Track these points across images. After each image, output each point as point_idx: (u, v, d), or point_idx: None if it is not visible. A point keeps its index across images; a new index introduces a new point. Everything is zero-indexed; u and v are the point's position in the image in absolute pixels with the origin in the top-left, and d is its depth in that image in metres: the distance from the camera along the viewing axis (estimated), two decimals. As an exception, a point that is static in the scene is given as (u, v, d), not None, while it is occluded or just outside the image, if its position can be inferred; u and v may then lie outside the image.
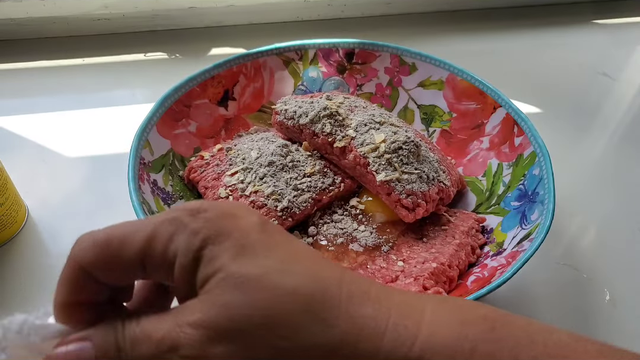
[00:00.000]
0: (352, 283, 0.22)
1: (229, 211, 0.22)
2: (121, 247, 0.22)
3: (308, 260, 0.22)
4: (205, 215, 0.22)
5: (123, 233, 0.22)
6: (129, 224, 0.22)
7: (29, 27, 0.72)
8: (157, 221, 0.22)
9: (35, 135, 0.60)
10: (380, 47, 0.58)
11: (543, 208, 0.43)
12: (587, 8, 0.86)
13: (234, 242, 0.21)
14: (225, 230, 0.21)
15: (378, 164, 0.45)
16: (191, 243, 0.21)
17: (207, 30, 0.77)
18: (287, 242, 0.22)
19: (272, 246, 0.22)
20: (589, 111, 0.68)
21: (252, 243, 0.21)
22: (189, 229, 0.21)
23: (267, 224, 0.23)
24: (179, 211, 0.22)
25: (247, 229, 0.22)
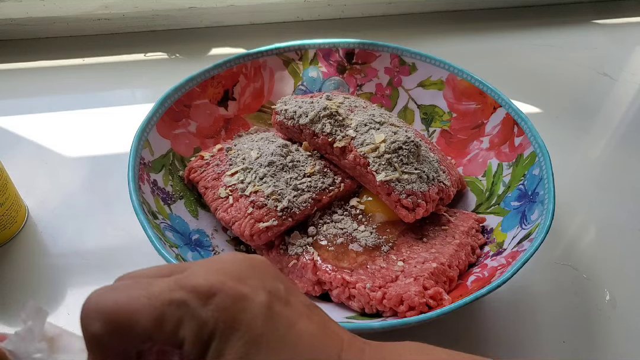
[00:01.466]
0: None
1: (239, 293, 0.22)
2: (129, 326, 0.21)
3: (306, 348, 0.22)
4: (215, 302, 0.22)
5: (130, 310, 0.21)
6: (136, 295, 0.22)
7: (29, 27, 0.72)
8: (164, 300, 0.21)
9: (35, 135, 0.60)
10: (380, 47, 0.58)
11: (543, 208, 0.43)
12: (587, 8, 0.86)
13: (241, 339, 0.21)
14: (234, 323, 0.22)
15: (378, 164, 0.45)
16: (199, 334, 0.21)
17: (207, 30, 0.77)
18: (290, 327, 0.23)
19: (276, 342, 0.22)
20: (589, 111, 0.68)
21: (258, 341, 0.22)
22: (197, 319, 0.21)
23: (275, 302, 0.23)
24: (187, 292, 0.22)
25: (254, 322, 0.22)
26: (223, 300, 0.22)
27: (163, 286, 0.22)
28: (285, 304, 0.23)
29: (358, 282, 0.41)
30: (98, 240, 0.50)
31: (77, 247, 0.49)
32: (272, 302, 0.23)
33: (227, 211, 0.45)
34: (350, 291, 0.41)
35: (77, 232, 0.50)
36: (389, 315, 0.40)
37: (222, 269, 0.23)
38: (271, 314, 0.22)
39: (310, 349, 0.23)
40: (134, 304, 0.21)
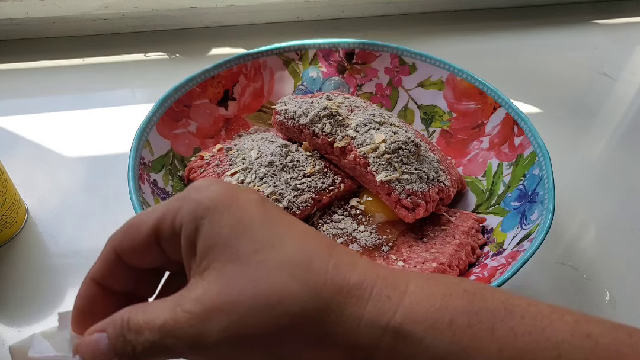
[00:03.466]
0: (339, 255, 0.23)
1: (231, 187, 0.24)
2: (139, 226, 0.24)
3: (300, 233, 0.23)
4: (209, 189, 0.23)
5: (141, 215, 0.24)
6: (151, 208, 0.24)
7: (29, 27, 0.72)
8: (169, 200, 0.24)
9: (35, 135, 0.60)
10: (380, 47, 0.58)
11: (543, 208, 0.43)
12: (587, 8, 0.86)
13: (233, 214, 0.23)
14: (226, 202, 0.23)
15: (378, 164, 0.45)
16: (194, 211, 0.23)
17: (207, 30, 0.77)
18: (282, 218, 0.24)
19: (267, 220, 0.23)
20: (589, 111, 0.68)
21: (249, 217, 0.23)
22: (193, 200, 0.23)
23: (266, 201, 0.24)
24: (188, 188, 0.24)
25: (246, 203, 0.23)
26: (217, 189, 0.24)
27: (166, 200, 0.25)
28: (279, 209, 0.25)
29: (358, 282, 0.41)
30: (98, 240, 0.49)
31: (77, 247, 0.49)
32: (265, 200, 0.24)
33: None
34: (350, 291, 0.41)
35: (77, 232, 0.50)
36: (389, 315, 0.40)
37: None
38: (264, 204, 0.24)
39: (302, 234, 0.23)
40: (147, 211, 0.24)
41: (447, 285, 0.22)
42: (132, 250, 0.24)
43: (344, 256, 0.23)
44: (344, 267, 0.22)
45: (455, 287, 0.22)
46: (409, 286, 0.22)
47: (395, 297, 0.22)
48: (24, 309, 0.44)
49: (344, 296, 0.22)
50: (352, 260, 0.23)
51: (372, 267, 0.23)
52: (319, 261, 0.22)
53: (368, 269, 0.23)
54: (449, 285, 0.22)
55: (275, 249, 0.22)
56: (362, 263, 0.23)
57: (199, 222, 0.22)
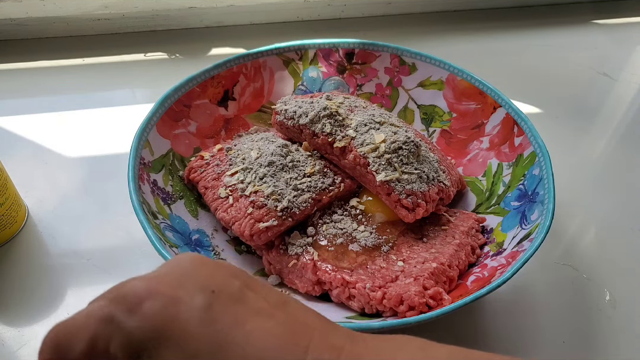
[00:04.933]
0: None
1: (170, 297, 0.20)
2: (68, 347, 0.20)
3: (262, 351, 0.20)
4: (141, 311, 0.20)
5: (69, 331, 0.21)
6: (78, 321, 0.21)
7: (29, 27, 0.72)
8: (96, 317, 0.20)
9: (36, 135, 0.60)
10: (380, 47, 0.58)
11: (543, 208, 0.43)
12: (587, 8, 0.86)
13: (175, 345, 0.20)
14: (163, 333, 0.20)
15: (378, 164, 0.45)
16: (128, 346, 0.20)
17: (207, 30, 0.77)
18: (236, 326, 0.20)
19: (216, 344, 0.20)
20: (589, 111, 0.68)
21: (195, 344, 0.20)
22: (125, 330, 0.20)
23: (215, 302, 0.21)
24: (115, 305, 0.20)
25: (188, 326, 0.20)
26: (150, 307, 0.20)
27: (99, 302, 0.21)
28: (234, 302, 0.21)
29: (358, 282, 0.41)
30: (98, 240, 0.50)
31: (77, 247, 0.49)
32: (212, 303, 0.20)
33: (227, 211, 0.45)
34: (350, 291, 0.41)
35: (77, 232, 0.50)
36: (389, 315, 0.40)
37: (163, 274, 0.22)
38: (210, 316, 0.20)
39: (262, 349, 0.20)
40: (74, 325, 0.21)
41: None
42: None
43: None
44: None
45: None
46: None
47: None
48: (24, 308, 0.44)
49: None
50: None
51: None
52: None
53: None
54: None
55: None
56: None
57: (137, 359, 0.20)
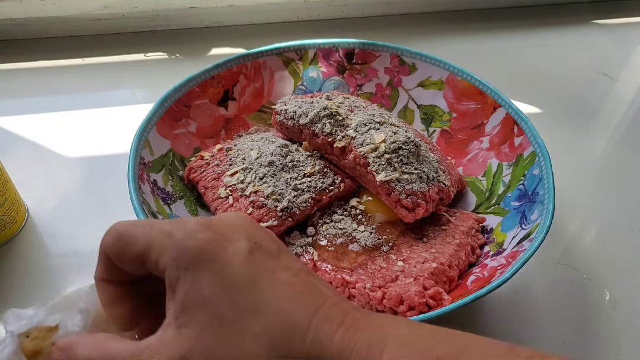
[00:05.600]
0: (320, 326, 0.22)
1: (221, 233, 0.23)
2: (127, 246, 0.24)
3: (284, 297, 0.23)
4: (196, 236, 0.23)
5: (132, 233, 0.24)
6: (143, 226, 0.24)
7: (29, 27, 0.72)
8: (158, 230, 0.24)
9: (36, 135, 0.60)
10: (380, 47, 0.58)
11: (543, 208, 0.43)
12: (587, 8, 0.86)
13: (216, 272, 0.22)
14: (212, 255, 0.23)
15: (378, 164, 0.45)
16: (177, 260, 0.22)
17: (207, 30, 0.77)
18: (270, 273, 0.23)
19: (251, 282, 0.22)
20: (589, 111, 0.68)
21: (232, 276, 0.22)
22: (178, 247, 0.23)
23: (257, 250, 0.24)
24: (177, 226, 0.24)
25: (232, 259, 0.23)
26: (205, 236, 0.23)
27: (162, 222, 0.24)
28: (270, 256, 0.24)
29: (358, 282, 0.41)
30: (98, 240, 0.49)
31: (77, 247, 0.49)
32: (254, 250, 0.23)
33: (227, 211, 0.45)
34: (350, 291, 0.41)
35: (77, 232, 0.50)
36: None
37: (218, 219, 0.25)
38: (251, 259, 0.23)
39: (286, 296, 0.23)
40: (137, 228, 0.24)
41: (420, 354, 0.22)
42: (119, 260, 0.25)
43: (324, 325, 0.22)
44: (322, 339, 0.22)
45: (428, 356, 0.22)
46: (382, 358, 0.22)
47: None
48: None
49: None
50: (331, 329, 0.22)
51: (351, 334, 0.22)
52: (298, 334, 0.22)
53: (345, 339, 0.22)
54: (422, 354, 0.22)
55: (255, 317, 0.22)
56: (341, 331, 0.22)
57: (181, 273, 0.22)
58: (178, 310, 0.22)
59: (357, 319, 0.23)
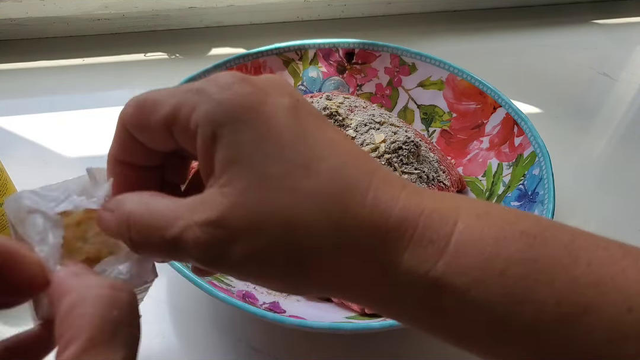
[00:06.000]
0: (380, 187, 0.20)
1: (260, 87, 0.21)
2: (152, 109, 0.21)
3: (338, 155, 0.20)
4: (234, 89, 0.20)
5: (157, 97, 0.21)
6: (168, 90, 0.21)
7: (29, 27, 0.72)
8: (185, 90, 0.21)
9: (35, 135, 0.60)
10: (380, 47, 0.58)
11: (543, 208, 0.43)
12: (587, 8, 0.86)
13: (259, 125, 0.19)
14: (253, 108, 0.20)
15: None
16: (212, 114, 0.20)
17: (207, 30, 0.77)
18: (319, 130, 0.20)
19: (299, 136, 0.20)
20: (589, 111, 0.68)
21: (278, 129, 0.20)
22: (213, 99, 0.20)
23: (300, 107, 0.21)
24: (208, 82, 0.21)
25: (275, 111, 0.20)
26: (243, 87, 0.20)
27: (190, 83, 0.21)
28: (315, 116, 0.21)
29: (358, 282, 0.41)
30: (98, 240, 0.50)
31: (77, 247, 0.49)
32: (297, 107, 0.21)
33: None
34: (350, 291, 0.41)
35: (77, 232, 0.50)
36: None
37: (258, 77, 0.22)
38: (296, 114, 0.20)
39: (341, 154, 0.20)
40: (162, 92, 0.21)
41: (501, 226, 0.19)
42: (142, 131, 0.22)
43: (385, 187, 0.20)
44: (384, 201, 0.19)
45: (510, 229, 0.19)
46: (457, 226, 0.19)
47: (440, 241, 0.19)
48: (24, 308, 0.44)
49: (381, 239, 0.19)
50: (393, 192, 0.20)
51: (417, 200, 0.20)
52: (357, 194, 0.19)
53: (411, 203, 0.20)
54: (504, 226, 0.19)
55: (308, 174, 0.19)
56: (405, 195, 0.20)
57: (217, 129, 0.19)
58: (219, 169, 0.20)
59: (419, 189, 0.21)
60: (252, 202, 0.19)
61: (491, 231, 0.19)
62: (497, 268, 0.18)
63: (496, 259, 0.18)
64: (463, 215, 0.20)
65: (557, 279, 0.18)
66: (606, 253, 0.19)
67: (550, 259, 0.18)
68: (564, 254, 0.18)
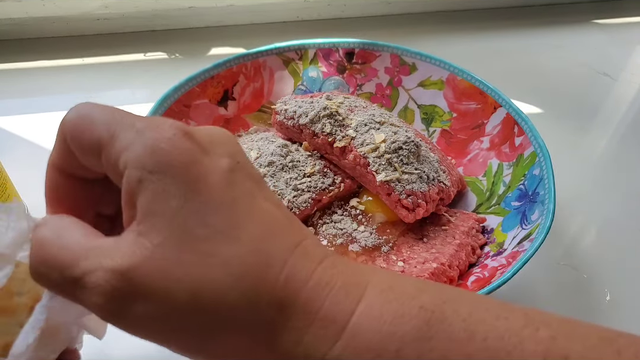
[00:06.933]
0: (297, 264, 0.19)
1: (201, 145, 0.20)
2: (88, 127, 0.20)
3: (263, 225, 0.20)
4: (171, 138, 0.19)
5: (97, 115, 0.20)
6: (111, 113, 0.21)
7: (29, 27, 0.72)
8: (128, 123, 0.20)
9: (35, 135, 0.60)
10: (380, 47, 0.58)
11: (543, 208, 0.43)
12: (587, 8, 0.86)
13: (188, 183, 0.19)
14: (186, 165, 0.19)
15: (378, 164, 0.45)
16: (143, 160, 0.19)
17: (207, 30, 0.77)
18: (250, 197, 0.20)
19: (227, 202, 0.19)
20: (589, 111, 0.68)
21: (207, 193, 0.19)
22: (149, 146, 0.19)
23: (238, 170, 0.20)
24: (152, 124, 0.20)
25: (210, 173, 0.19)
26: (180, 139, 0.19)
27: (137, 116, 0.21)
28: (253, 180, 0.21)
29: (358, 282, 0.41)
30: (98, 240, 0.50)
31: (77, 247, 0.49)
32: (235, 170, 0.20)
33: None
34: (350, 291, 0.41)
35: (77, 232, 0.50)
36: (389, 315, 0.40)
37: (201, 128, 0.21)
38: (231, 177, 0.20)
39: (266, 225, 0.20)
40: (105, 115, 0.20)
41: (401, 302, 0.19)
42: (77, 145, 0.21)
43: (302, 262, 0.20)
44: (297, 279, 0.19)
45: (410, 304, 0.19)
46: (359, 304, 0.19)
47: (341, 321, 0.19)
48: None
49: (287, 317, 0.19)
50: (310, 267, 0.20)
51: (329, 276, 0.20)
52: (272, 270, 0.19)
53: (323, 280, 0.20)
54: (404, 302, 0.19)
55: (228, 242, 0.19)
56: (320, 270, 0.20)
57: (144, 176, 0.19)
58: (140, 216, 0.19)
59: (336, 262, 0.21)
60: (166, 260, 0.18)
61: (391, 307, 0.19)
62: (391, 349, 0.18)
63: (392, 338, 0.18)
64: (369, 290, 0.19)
65: (450, 357, 0.18)
66: (506, 324, 0.18)
67: (445, 336, 0.18)
68: (460, 328, 0.18)
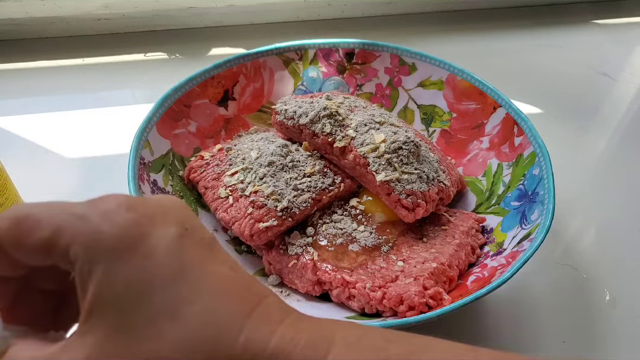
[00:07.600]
0: (254, 328, 0.19)
1: (147, 215, 0.20)
2: (30, 230, 0.20)
3: (214, 293, 0.19)
4: (117, 219, 0.19)
5: (36, 216, 0.20)
6: (49, 209, 0.20)
7: (29, 27, 0.72)
8: (69, 213, 0.20)
9: (35, 135, 0.60)
10: (380, 47, 0.58)
11: (543, 208, 0.43)
12: (587, 8, 0.86)
13: (135, 264, 0.19)
14: (132, 242, 0.19)
15: (378, 164, 0.45)
16: (90, 249, 0.19)
17: (207, 30, 0.77)
18: (201, 263, 0.20)
19: (176, 274, 0.19)
20: (589, 111, 0.68)
21: (155, 268, 0.19)
22: (93, 230, 0.19)
23: (188, 236, 0.20)
24: (93, 207, 0.20)
25: (157, 247, 0.19)
26: (126, 217, 0.19)
27: (76, 203, 0.21)
28: (203, 246, 0.21)
29: (358, 282, 0.41)
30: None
31: (77, 247, 0.49)
32: (184, 237, 0.20)
33: (227, 211, 0.45)
34: (350, 291, 0.41)
35: (77, 232, 0.50)
36: (389, 315, 0.40)
37: (147, 199, 0.21)
38: (178, 246, 0.20)
39: (217, 293, 0.19)
40: (43, 210, 0.20)
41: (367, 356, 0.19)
42: (18, 249, 0.21)
43: (261, 325, 0.19)
44: (256, 342, 0.19)
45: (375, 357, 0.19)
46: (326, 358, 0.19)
47: None
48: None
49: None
50: (270, 329, 0.20)
51: (292, 334, 0.20)
52: (226, 339, 0.19)
53: (285, 339, 0.19)
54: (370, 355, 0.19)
55: (174, 319, 0.18)
56: (282, 330, 0.20)
57: (93, 267, 0.19)
58: (86, 313, 0.19)
59: (299, 319, 0.21)
60: (110, 354, 0.18)
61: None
62: None
63: None
64: (336, 344, 0.20)
65: None
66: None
67: None
68: None
